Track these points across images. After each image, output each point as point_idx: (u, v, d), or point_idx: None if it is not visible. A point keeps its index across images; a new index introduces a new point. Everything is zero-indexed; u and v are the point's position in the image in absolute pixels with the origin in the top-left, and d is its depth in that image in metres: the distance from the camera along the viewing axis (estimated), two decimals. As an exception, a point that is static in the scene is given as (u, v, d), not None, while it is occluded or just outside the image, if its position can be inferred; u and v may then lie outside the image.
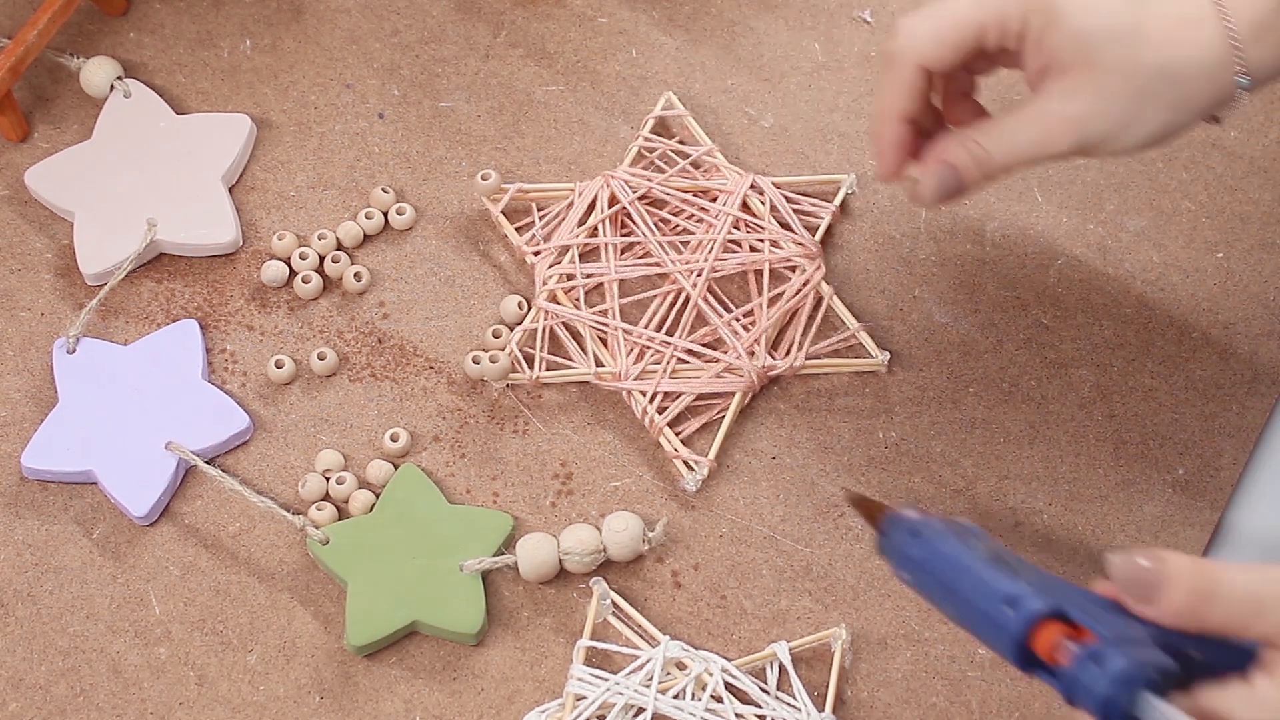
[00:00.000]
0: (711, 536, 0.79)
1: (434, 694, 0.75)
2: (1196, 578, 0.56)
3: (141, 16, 0.92)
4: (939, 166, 0.70)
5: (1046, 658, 0.55)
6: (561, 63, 0.91)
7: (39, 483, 0.80)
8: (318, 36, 0.91)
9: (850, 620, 0.77)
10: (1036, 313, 0.84)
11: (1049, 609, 0.55)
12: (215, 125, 0.88)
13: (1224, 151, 0.89)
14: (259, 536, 0.79)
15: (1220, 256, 0.86)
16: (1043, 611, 0.55)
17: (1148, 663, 0.53)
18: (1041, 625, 0.55)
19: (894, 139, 0.71)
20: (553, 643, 0.76)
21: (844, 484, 0.80)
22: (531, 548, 0.77)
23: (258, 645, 0.76)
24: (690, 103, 0.89)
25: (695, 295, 0.83)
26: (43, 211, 0.87)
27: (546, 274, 0.83)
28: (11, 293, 0.84)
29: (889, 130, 0.71)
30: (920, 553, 0.60)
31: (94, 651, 0.76)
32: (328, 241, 0.85)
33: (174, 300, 0.84)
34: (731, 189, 0.85)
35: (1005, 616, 0.55)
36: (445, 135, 0.89)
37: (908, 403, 0.82)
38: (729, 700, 0.74)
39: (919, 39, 0.69)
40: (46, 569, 0.78)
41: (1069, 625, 0.55)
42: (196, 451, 0.79)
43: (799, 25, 0.92)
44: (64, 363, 0.82)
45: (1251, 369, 0.83)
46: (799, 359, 0.82)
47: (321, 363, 0.82)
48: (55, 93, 0.90)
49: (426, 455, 0.81)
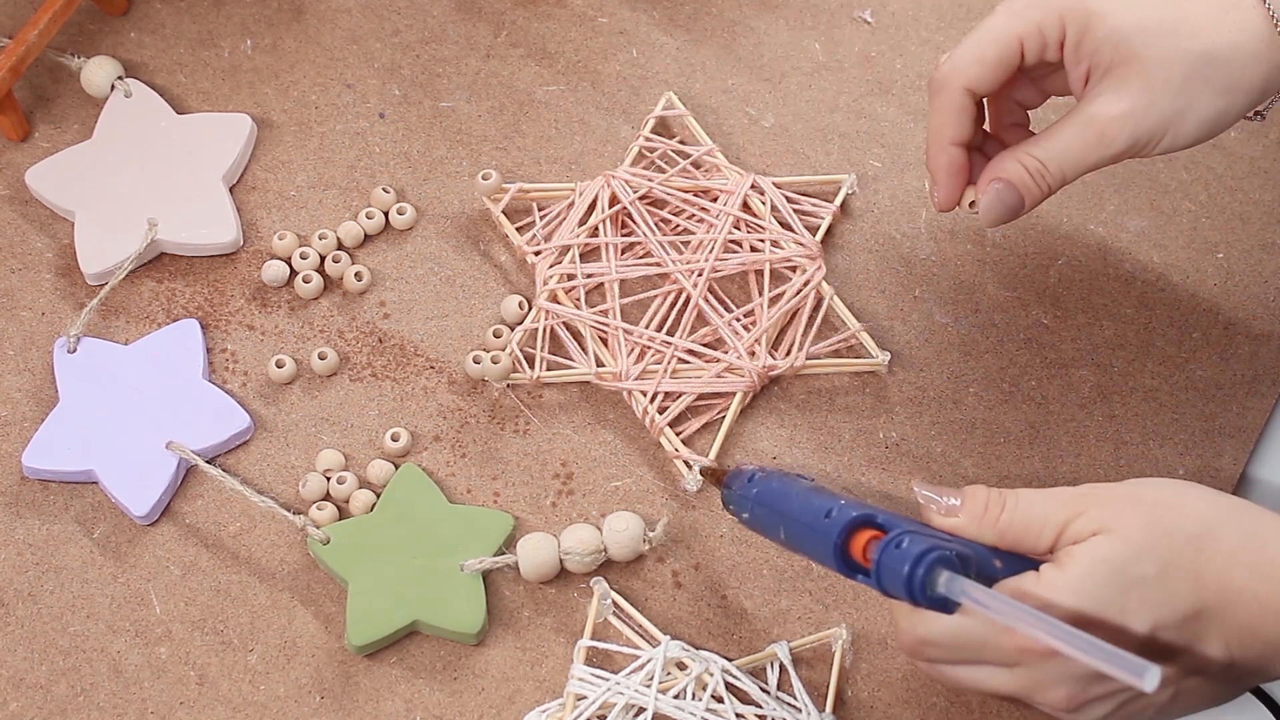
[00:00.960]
0: (712, 536, 0.79)
1: (434, 694, 0.75)
2: (992, 493, 0.63)
3: (142, 16, 0.92)
4: (997, 185, 0.71)
5: (862, 560, 0.61)
6: (562, 63, 0.91)
7: (40, 482, 0.80)
8: (318, 36, 0.91)
9: (851, 620, 0.77)
10: (1037, 313, 0.85)
11: (860, 515, 0.62)
12: (216, 125, 0.88)
13: (1224, 151, 0.89)
14: (260, 536, 0.79)
15: (1220, 256, 0.86)
16: (855, 517, 0.62)
17: (945, 546, 0.59)
18: (856, 533, 0.62)
19: (949, 165, 0.72)
20: (553, 642, 0.77)
21: (845, 484, 0.80)
22: (532, 547, 0.77)
23: (258, 645, 0.76)
24: (691, 103, 0.90)
25: (696, 295, 0.83)
26: (43, 211, 0.87)
27: (547, 274, 0.83)
28: (12, 292, 0.84)
29: (944, 157, 0.72)
30: (756, 490, 0.68)
31: (95, 651, 0.76)
32: (328, 241, 0.85)
33: (175, 300, 0.84)
34: (732, 189, 0.85)
35: (825, 525, 0.62)
36: (446, 135, 0.89)
37: (908, 403, 0.82)
38: (729, 700, 0.74)
39: (961, 62, 0.70)
40: (47, 568, 0.78)
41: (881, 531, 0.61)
42: (197, 451, 0.79)
43: (799, 25, 0.92)
44: (65, 362, 0.82)
45: (1251, 369, 0.83)
46: (799, 359, 0.82)
47: (322, 362, 0.82)
48: (56, 92, 0.90)
49: (427, 455, 0.81)
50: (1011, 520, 0.63)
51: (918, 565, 0.59)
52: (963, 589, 0.58)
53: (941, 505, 0.64)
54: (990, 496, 0.63)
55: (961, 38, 0.71)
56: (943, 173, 0.72)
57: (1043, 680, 0.61)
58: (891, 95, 0.90)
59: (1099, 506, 0.62)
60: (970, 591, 0.58)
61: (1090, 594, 0.60)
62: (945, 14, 0.93)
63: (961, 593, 0.58)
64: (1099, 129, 0.68)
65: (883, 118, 0.90)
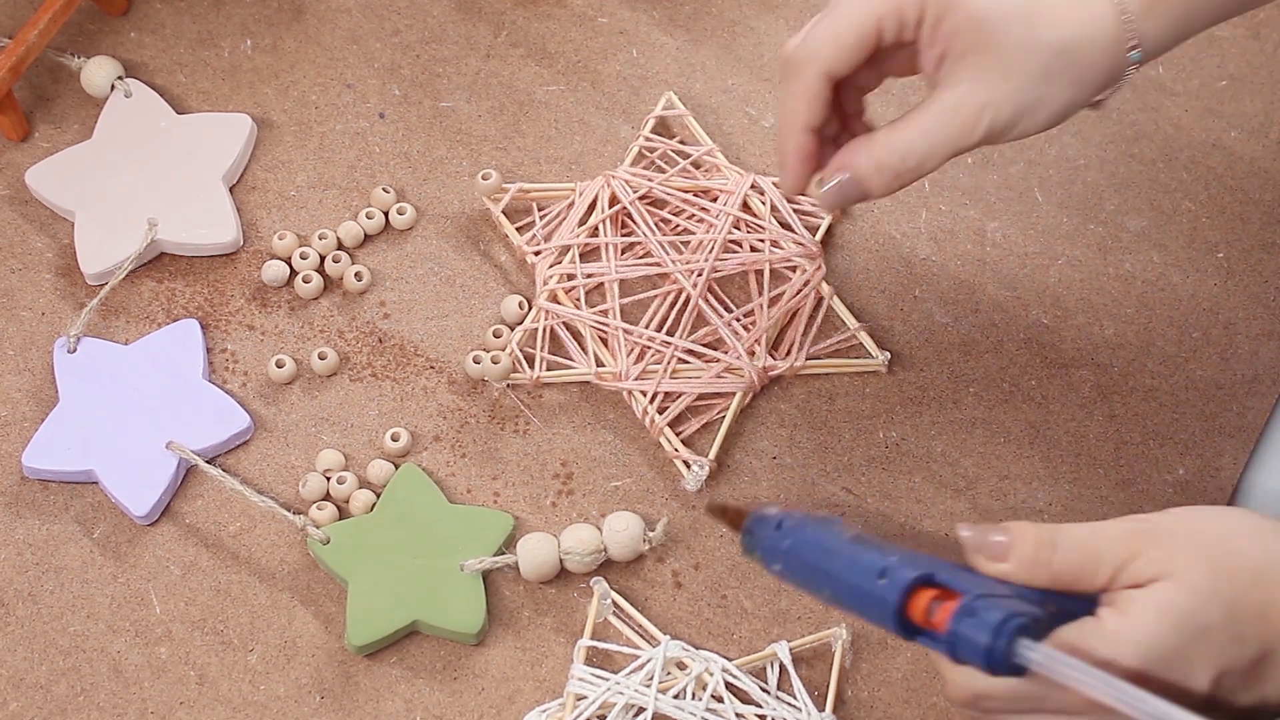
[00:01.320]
0: (712, 536, 0.79)
1: (434, 694, 0.75)
2: (1040, 531, 0.60)
3: (142, 16, 0.92)
4: (842, 178, 0.69)
5: (923, 622, 0.58)
6: (562, 63, 0.91)
7: (40, 482, 0.80)
8: (318, 36, 0.91)
9: (851, 620, 0.77)
10: (1036, 313, 0.85)
11: (920, 575, 0.58)
12: (216, 125, 0.88)
13: (1224, 151, 0.89)
14: (260, 536, 0.79)
15: (1220, 256, 0.86)
16: (915, 578, 0.58)
17: (1018, 610, 0.56)
18: (915, 593, 0.58)
19: (799, 151, 0.70)
20: (553, 642, 0.77)
21: (845, 484, 0.80)
22: (532, 547, 0.77)
23: (258, 645, 0.76)
24: (691, 103, 0.89)
25: (696, 295, 0.83)
26: (43, 211, 0.87)
27: (547, 274, 0.83)
28: (12, 292, 0.84)
29: (793, 142, 0.70)
30: (787, 543, 0.62)
31: (95, 651, 0.76)
32: (328, 241, 0.85)
33: (175, 300, 0.84)
34: (732, 189, 0.85)
35: (880, 589, 0.58)
36: (446, 135, 0.89)
37: (908, 403, 0.82)
38: (729, 700, 0.74)
39: (818, 44, 0.68)
40: (47, 568, 0.78)
41: (939, 589, 0.58)
42: (197, 451, 0.79)
43: (799, 25, 0.92)
44: (65, 362, 0.82)
45: (1251, 369, 0.83)
46: (799, 359, 0.82)
47: (322, 362, 0.82)
48: (56, 92, 0.90)
49: (427, 455, 0.81)
50: (1065, 563, 0.59)
51: (998, 637, 0.55)
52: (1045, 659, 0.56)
53: (988, 548, 0.60)
54: (1039, 537, 0.60)
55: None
56: (792, 158, 0.70)
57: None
58: (891, 95, 0.90)
59: (1156, 546, 0.59)
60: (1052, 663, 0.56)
61: (1156, 645, 0.57)
62: (945, 14, 0.93)
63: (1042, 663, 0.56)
64: (960, 121, 0.67)
65: (882, 117, 0.89)
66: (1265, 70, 0.91)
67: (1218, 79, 0.91)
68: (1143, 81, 0.91)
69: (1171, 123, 0.90)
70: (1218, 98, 0.90)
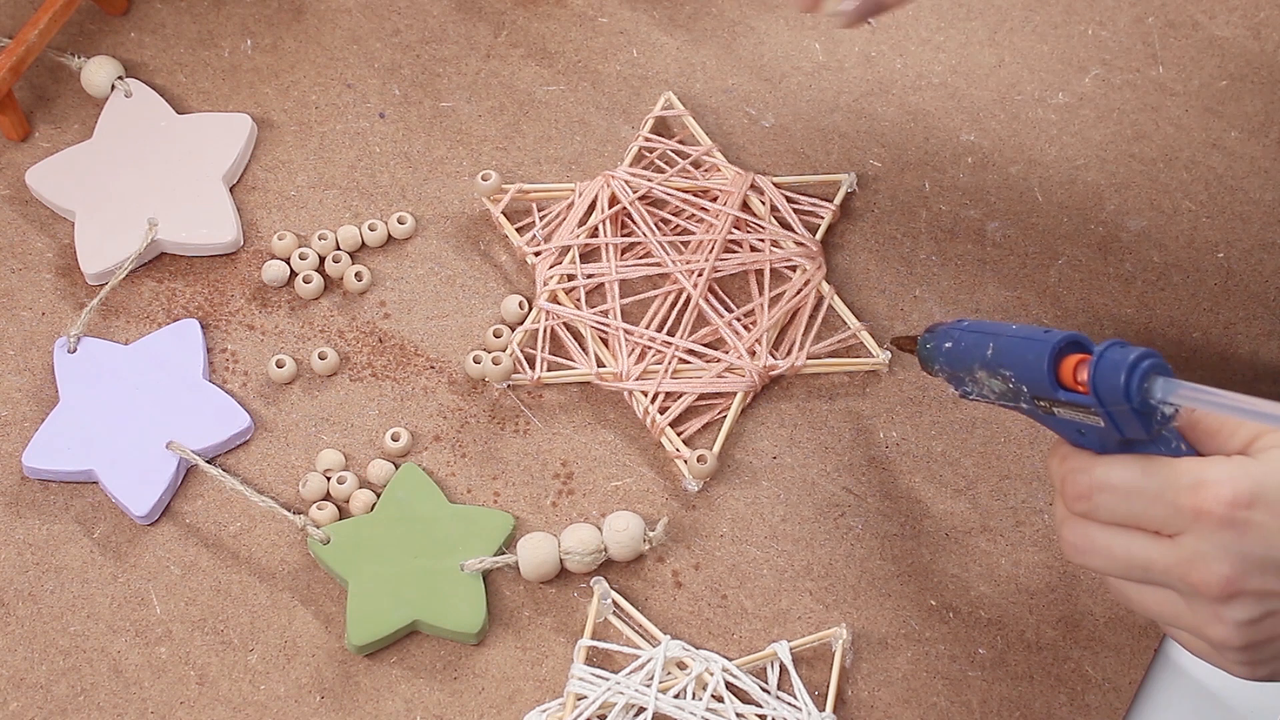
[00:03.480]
0: (712, 536, 0.79)
1: (435, 693, 0.75)
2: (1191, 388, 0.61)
3: (142, 16, 0.92)
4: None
5: (1070, 381, 0.62)
6: (562, 63, 0.91)
7: (40, 482, 0.80)
8: (319, 36, 0.91)
9: (851, 620, 0.77)
10: (1037, 313, 0.85)
11: (1077, 335, 0.63)
12: (216, 125, 0.88)
13: (1224, 151, 0.89)
14: (260, 536, 0.79)
15: (1220, 256, 0.86)
16: (1073, 334, 0.63)
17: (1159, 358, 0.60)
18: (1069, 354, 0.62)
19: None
20: (553, 642, 0.77)
21: (845, 484, 0.80)
22: (532, 547, 0.77)
23: (258, 645, 0.76)
24: (691, 103, 0.90)
25: (696, 295, 0.83)
26: (44, 211, 0.87)
27: (547, 274, 0.83)
28: (12, 292, 0.84)
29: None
30: (966, 324, 0.68)
31: (95, 651, 0.76)
32: (328, 241, 0.85)
33: (175, 300, 0.84)
34: (732, 189, 0.85)
35: (1042, 337, 0.63)
36: (446, 135, 0.89)
37: (908, 403, 0.82)
38: (730, 700, 0.74)
39: None
40: (47, 568, 0.78)
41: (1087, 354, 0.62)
42: (197, 451, 0.79)
43: (799, 25, 0.92)
44: (65, 362, 0.82)
45: (1251, 369, 0.83)
46: (800, 359, 0.82)
47: (322, 362, 0.82)
48: (56, 92, 0.90)
49: (427, 455, 0.81)
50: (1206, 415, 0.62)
51: (1137, 365, 0.59)
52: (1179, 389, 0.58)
53: None
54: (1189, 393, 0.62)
55: (962, 37, 0.70)
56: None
57: (1204, 554, 0.59)
58: (891, 95, 0.90)
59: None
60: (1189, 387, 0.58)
61: None
62: (945, 14, 0.93)
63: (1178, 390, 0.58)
64: None
65: (883, 118, 0.90)
66: (1265, 70, 0.91)
67: (1218, 79, 0.91)
68: (1143, 81, 0.91)
69: (1171, 123, 0.90)
70: (1218, 98, 0.90)
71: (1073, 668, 0.76)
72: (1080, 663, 0.77)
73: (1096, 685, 0.76)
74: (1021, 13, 0.92)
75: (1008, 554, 0.79)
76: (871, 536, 0.79)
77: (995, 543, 0.79)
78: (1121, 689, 0.76)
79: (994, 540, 0.79)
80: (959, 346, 0.67)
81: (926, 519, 0.80)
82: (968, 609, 0.77)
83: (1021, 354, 0.63)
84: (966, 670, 0.76)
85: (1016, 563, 0.78)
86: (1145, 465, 0.61)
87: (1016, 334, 0.64)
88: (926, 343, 0.70)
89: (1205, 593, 0.60)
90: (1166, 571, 0.61)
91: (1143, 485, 0.61)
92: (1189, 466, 0.60)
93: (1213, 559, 0.59)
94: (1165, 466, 0.60)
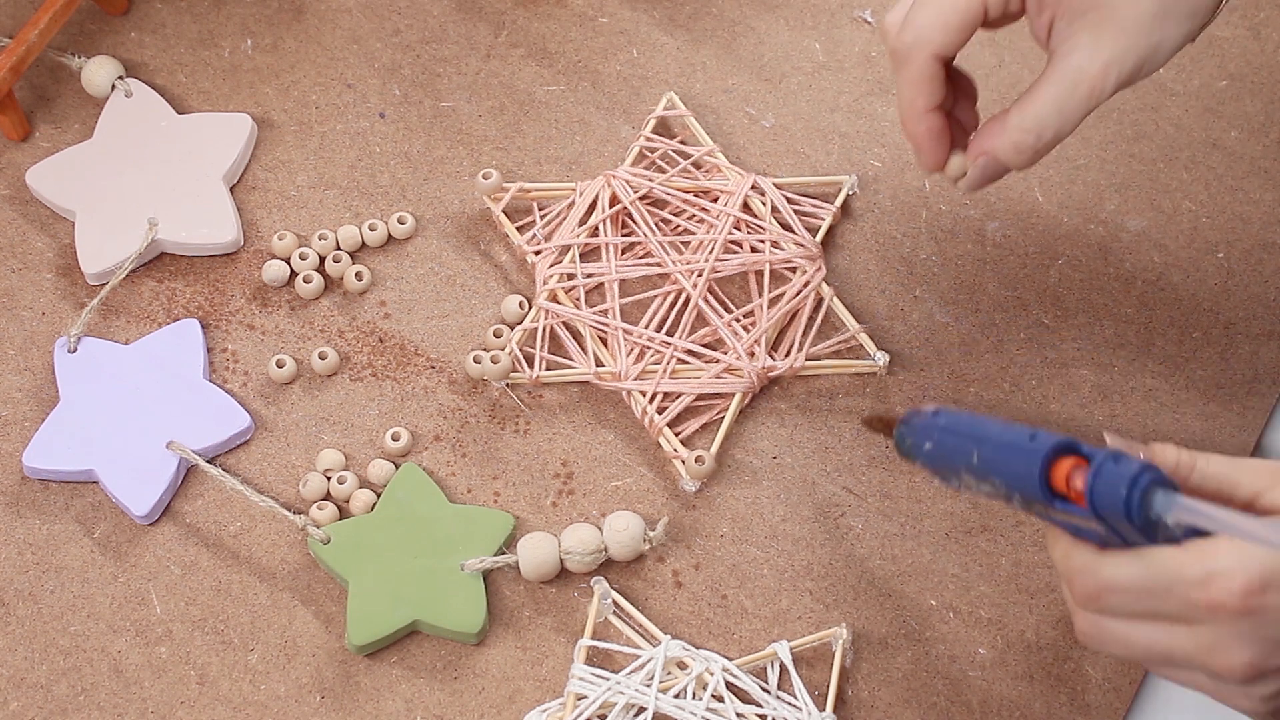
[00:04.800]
0: (712, 536, 0.79)
1: (435, 693, 0.75)
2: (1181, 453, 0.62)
3: (143, 16, 0.92)
4: (983, 160, 0.71)
5: (1063, 488, 0.60)
6: (563, 63, 0.91)
7: (40, 482, 0.80)
8: (319, 36, 0.92)
9: (851, 620, 0.77)
10: (1037, 313, 0.85)
11: (1066, 439, 0.60)
12: (216, 125, 0.88)
13: (1224, 151, 0.89)
14: (260, 536, 0.79)
15: (1221, 256, 0.86)
16: (1063, 440, 0.60)
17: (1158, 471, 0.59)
18: (1060, 460, 0.60)
19: (930, 132, 0.71)
20: (554, 642, 0.77)
21: (845, 484, 0.80)
22: (532, 547, 0.77)
23: (259, 644, 0.76)
24: (691, 103, 0.90)
25: (696, 295, 0.83)
26: (44, 211, 0.87)
27: (547, 274, 0.83)
28: (13, 292, 0.84)
29: (922, 125, 0.71)
30: (944, 421, 0.65)
31: (95, 651, 0.76)
32: (328, 241, 0.85)
33: (175, 300, 0.84)
34: (732, 189, 0.85)
35: (1030, 446, 0.61)
36: (446, 135, 0.89)
37: (908, 403, 0.82)
38: (730, 700, 0.74)
39: (927, 30, 0.69)
40: (48, 568, 0.78)
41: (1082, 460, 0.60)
42: (197, 451, 0.79)
43: (799, 25, 0.92)
44: (65, 362, 0.82)
45: (1251, 369, 0.83)
46: (799, 360, 0.82)
47: (323, 362, 0.82)
48: (56, 92, 0.90)
49: (427, 455, 0.81)
50: (1203, 481, 0.61)
51: (1136, 481, 0.58)
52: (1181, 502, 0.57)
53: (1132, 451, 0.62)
54: (1180, 458, 0.61)
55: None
56: (925, 140, 0.71)
57: (1226, 641, 0.59)
58: (891, 95, 0.90)
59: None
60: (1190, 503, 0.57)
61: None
62: (945, 14, 0.93)
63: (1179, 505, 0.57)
64: (1088, 85, 0.68)
65: (883, 118, 0.90)
66: (1265, 70, 0.91)
67: (1218, 79, 0.91)
68: (1143, 81, 0.91)
69: (1171, 123, 0.90)
70: (1218, 98, 0.90)
71: (1073, 668, 0.76)
72: (1080, 663, 0.77)
73: (1096, 685, 0.76)
74: (1021, 13, 0.92)
75: (1008, 554, 0.79)
76: (871, 536, 0.79)
77: (995, 543, 0.79)
78: (1121, 689, 0.76)
79: (994, 540, 0.79)
80: (940, 449, 0.65)
81: (926, 519, 0.80)
82: (968, 609, 0.77)
83: (1009, 462, 0.61)
84: (966, 670, 0.76)
85: (1016, 563, 0.79)
86: (1150, 562, 0.59)
87: (1001, 439, 0.62)
88: (905, 438, 0.67)
89: (1230, 678, 0.60)
90: (1189, 659, 0.60)
91: (1152, 584, 0.60)
92: (1196, 559, 0.59)
93: (1234, 647, 0.59)
94: (1171, 560, 0.59)
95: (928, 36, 0.68)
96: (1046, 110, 0.68)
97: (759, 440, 0.81)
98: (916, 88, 0.70)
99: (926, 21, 0.68)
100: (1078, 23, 0.67)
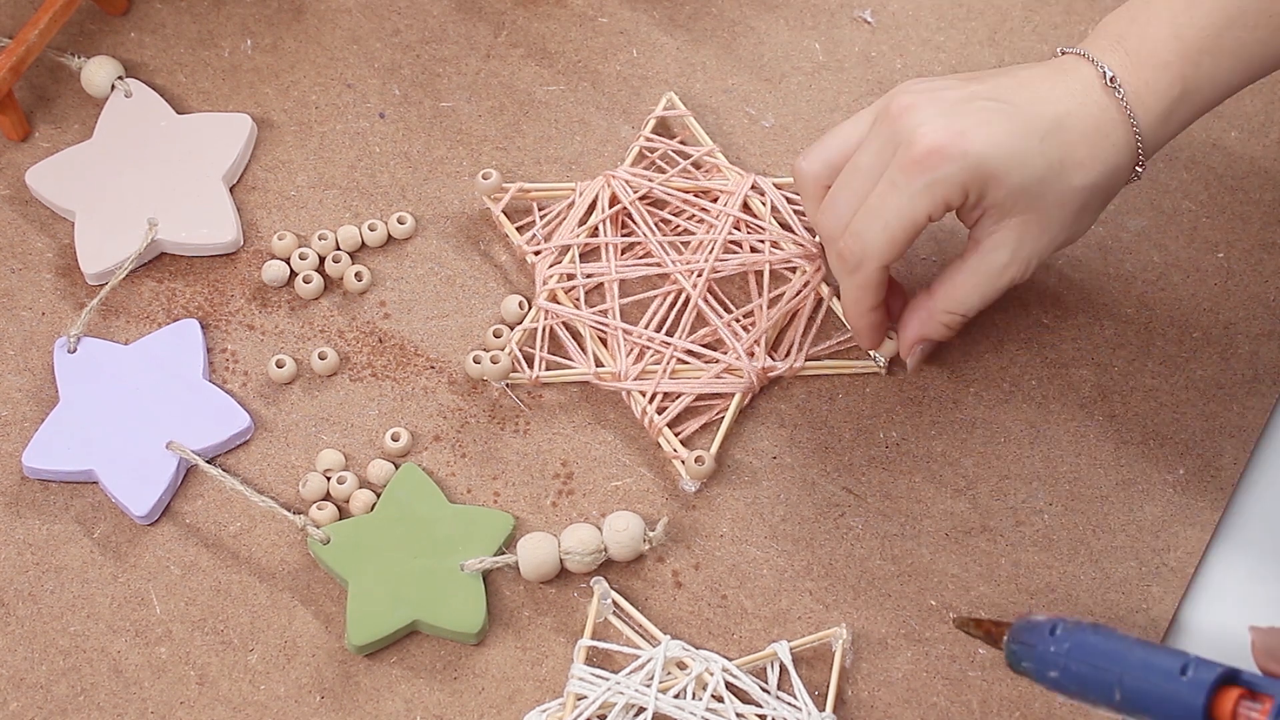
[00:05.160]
0: (712, 536, 0.79)
1: (435, 693, 0.75)
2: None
3: (142, 16, 0.92)
4: (923, 346, 0.79)
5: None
6: (562, 63, 0.91)
7: (40, 482, 0.80)
8: (319, 36, 0.91)
9: (851, 620, 0.77)
10: (1037, 313, 0.85)
11: (1226, 671, 0.56)
12: (216, 125, 0.88)
13: (1224, 151, 0.89)
14: (260, 536, 0.79)
15: (1221, 256, 0.86)
16: (1223, 673, 0.56)
17: None
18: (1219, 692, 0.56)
19: (873, 325, 0.78)
20: (553, 642, 0.77)
21: (845, 484, 0.80)
22: (532, 547, 0.77)
23: (258, 645, 0.76)
24: (691, 103, 0.89)
25: (695, 296, 0.83)
26: (43, 211, 0.87)
27: (547, 274, 0.83)
28: (12, 292, 0.84)
29: (865, 321, 0.78)
30: (1067, 645, 0.61)
31: (95, 651, 0.76)
32: (328, 241, 0.85)
33: (175, 300, 0.84)
34: (732, 189, 0.85)
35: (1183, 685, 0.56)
36: (446, 135, 0.89)
37: (908, 403, 0.82)
38: (730, 700, 0.74)
39: (875, 245, 0.73)
40: (47, 568, 0.78)
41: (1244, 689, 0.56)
42: (197, 451, 0.79)
43: (799, 25, 0.92)
44: (65, 362, 0.82)
45: (1251, 369, 0.83)
46: (799, 360, 0.82)
47: (322, 362, 0.82)
48: (56, 92, 0.90)
49: (427, 455, 0.81)
50: None
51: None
52: None
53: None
54: None
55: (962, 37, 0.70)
56: (868, 331, 0.78)
57: None
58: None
59: None
60: None
61: None
62: (945, 14, 0.93)
63: None
64: (1009, 276, 0.75)
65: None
66: (1265, 70, 0.91)
67: (1218, 79, 0.91)
68: (1143, 81, 0.90)
69: (1171, 123, 0.90)
70: (1218, 98, 0.90)
71: (1073, 668, 0.76)
72: (1080, 663, 0.76)
73: (1096, 685, 0.76)
74: (1021, 13, 0.92)
75: (1008, 554, 0.79)
76: (871, 536, 0.79)
77: (995, 543, 0.79)
78: (1121, 689, 0.76)
79: (994, 540, 0.79)
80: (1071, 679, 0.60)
81: (926, 519, 0.79)
82: (968, 609, 0.77)
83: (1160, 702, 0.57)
84: (967, 670, 0.76)
85: (1016, 563, 0.78)
86: None
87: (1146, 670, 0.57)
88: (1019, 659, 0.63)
89: None
90: None
91: None
92: None
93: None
94: None
95: (876, 251, 0.74)
96: (971, 297, 0.76)
97: (759, 440, 0.81)
98: (863, 291, 0.76)
99: (874, 238, 0.73)
100: (1005, 221, 0.74)
